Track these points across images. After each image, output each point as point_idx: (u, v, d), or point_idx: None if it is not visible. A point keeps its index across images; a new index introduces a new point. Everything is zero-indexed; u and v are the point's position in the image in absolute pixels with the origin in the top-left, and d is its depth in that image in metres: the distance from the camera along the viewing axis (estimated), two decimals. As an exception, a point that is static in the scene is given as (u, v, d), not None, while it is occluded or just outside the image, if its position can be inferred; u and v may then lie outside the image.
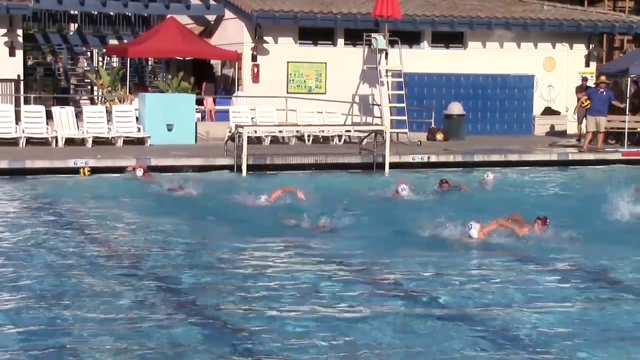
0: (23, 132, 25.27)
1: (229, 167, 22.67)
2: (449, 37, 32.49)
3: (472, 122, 31.28)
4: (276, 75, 30.56)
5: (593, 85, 28.06)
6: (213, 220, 16.72)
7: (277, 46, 30.77)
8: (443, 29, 32.07)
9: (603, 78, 28.24)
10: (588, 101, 27.14)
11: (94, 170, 21.88)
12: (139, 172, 20.87)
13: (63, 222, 16.34)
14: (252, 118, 27.75)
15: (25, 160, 22.05)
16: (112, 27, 34.97)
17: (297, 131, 27.56)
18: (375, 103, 29.96)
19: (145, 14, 32.26)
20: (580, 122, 29.34)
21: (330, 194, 19.00)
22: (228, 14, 31.50)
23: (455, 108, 30.27)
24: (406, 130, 28.85)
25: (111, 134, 25.90)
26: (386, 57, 29.61)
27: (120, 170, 21.86)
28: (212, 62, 32.72)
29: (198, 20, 33.34)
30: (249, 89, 30.26)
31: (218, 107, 29.86)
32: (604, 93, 27.23)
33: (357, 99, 30.25)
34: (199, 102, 28.92)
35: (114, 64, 31.68)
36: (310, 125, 27.99)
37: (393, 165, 23.79)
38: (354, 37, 30.95)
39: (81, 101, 29.11)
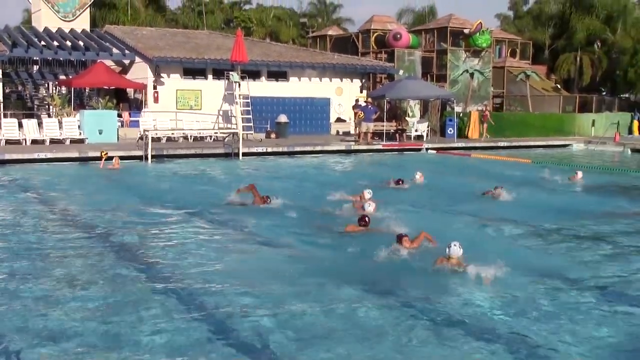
0: (3, 136, 24.63)
1: (139, 157, 22.24)
2: (278, 74, 32.63)
3: (293, 127, 31.41)
4: (169, 98, 30.26)
5: (364, 104, 28.91)
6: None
7: (170, 79, 30.44)
8: (274, 69, 32.25)
9: (369, 100, 29.15)
10: (361, 114, 28.02)
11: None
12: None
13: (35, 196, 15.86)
14: (154, 125, 27.26)
15: (5, 154, 21.26)
16: (62, 68, 33.97)
17: (183, 133, 27.41)
18: (232, 115, 29.89)
19: (83, 59, 31.46)
20: (356, 127, 30.07)
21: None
22: (137, 59, 31.00)
23: (283, 118, 30.60)
24: (252, 132, 29.07)
25: (62, 136, 25.28)
26: (239, 87, 29.60)
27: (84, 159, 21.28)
28: (127, 90, 32.02)
29: (118, 63, 32.67)
30: (152, 107, 29.87)
31: (132, 119, 29.30)
32: (371, 108, 28.12)
33: (221, 112, 30.39)
34: (119, 115, 28.45)
35: (63, 91, 30.61)
36: (191, 129, 27.88)
37: (244, 154, 23.78)
38: (219, 74, 30.85)
39: (42, 115, 28.13)
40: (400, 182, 16.49)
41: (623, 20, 46.50)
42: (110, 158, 20.35)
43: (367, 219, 11.13)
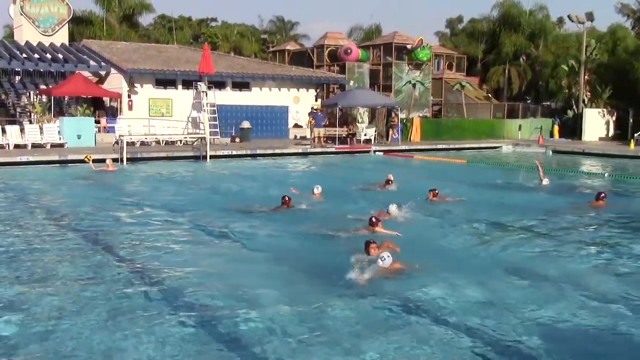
0: (-13, 141, 23.85)
1: (115, 160, 21.62)
2: (242, 85, 32.39)
3: (255, 132, 31.20)
4: (142, 106, 29.82)
5: (315, 111, 28.99)
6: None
7: (143, 89, 30.00)
8: (238, 80, 32.00)
9: (319, 107, 29.23)
10: (313, 120, 28.04)
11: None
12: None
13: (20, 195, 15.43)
14: (128, 131, 26.98)
15: (-11, 157, 20.70)
16: (42, 78, 33.12)
17: (155, 138, 27.08)
18: (200, 121, 29.70)
19: (63, 70, 30.78)
20: (311, 132, 30.14)
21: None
22: (113, 70, 30.44)
23: (246, 124, 30.31)
24: (218, 137, 28.86)
25: (43, 141, 24.72)
26: (206, 96, 29.42)
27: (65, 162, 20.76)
28: (103, 98, 31.39)
29: (95, 74, 31.92)
30: (127, 114, 29.41)
31: (108, 125, 28.85)
32: (320, 115, 28.32)
33: (190, 119, 30.09)
34: (97, 122, 27.99)
35: (44, 100, 29.89)
36: (163, 134, 27.55)
37: (212, 157, 23.50)
38: (188, 84, 30.54)
39: (24, 122, 27.41)
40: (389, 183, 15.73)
41: (544, 37, 47.62)
42: (95, 160, 20.11)
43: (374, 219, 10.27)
